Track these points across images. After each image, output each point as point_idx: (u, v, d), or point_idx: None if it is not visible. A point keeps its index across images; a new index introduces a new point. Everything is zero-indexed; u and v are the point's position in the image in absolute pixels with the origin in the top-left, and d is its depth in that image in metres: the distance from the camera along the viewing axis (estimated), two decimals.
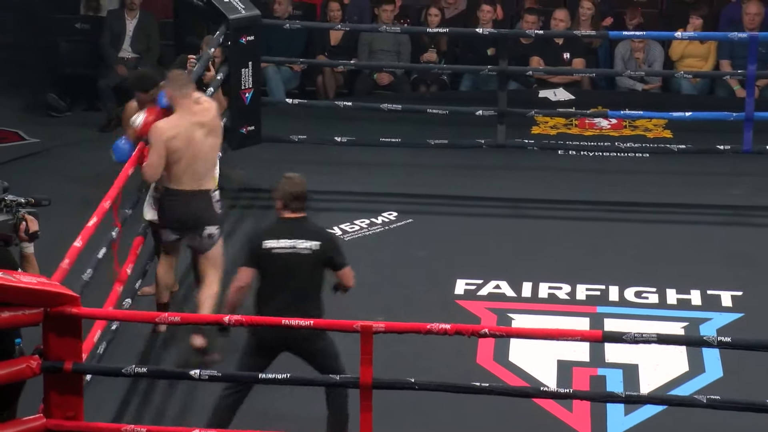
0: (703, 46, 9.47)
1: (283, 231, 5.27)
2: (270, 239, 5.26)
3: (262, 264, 5.26)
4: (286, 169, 8.26)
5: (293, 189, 5.32)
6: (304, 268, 5.25)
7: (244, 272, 5.31)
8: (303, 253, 5.24)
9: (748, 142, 7.94)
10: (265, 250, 5.24)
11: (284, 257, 5.23)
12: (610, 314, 6.49)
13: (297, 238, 5.26)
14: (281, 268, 5.24)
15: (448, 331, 4.93)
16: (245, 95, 7.95)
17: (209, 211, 6.02)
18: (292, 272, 5.24)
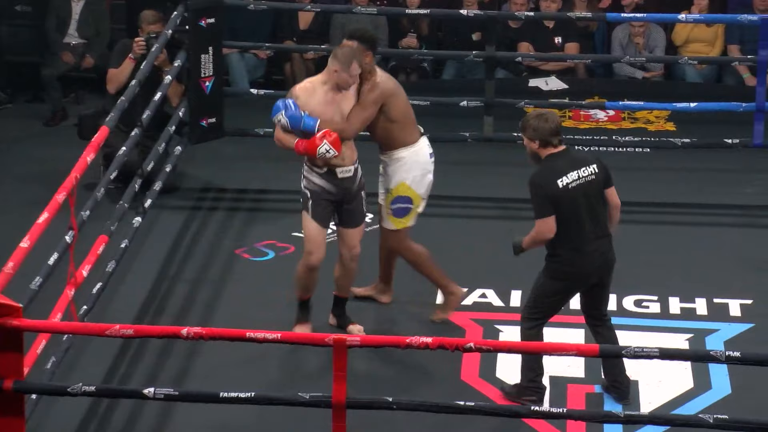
0: (710, 30, 9.51)
1: (564, 165, 5.62)
2: (560, 177, 5.59)
3: (561, 204, 5.58)
4: (250, 166, 8.42)
5: (550, 125, 5.64)
6: (595, 193, 5.65)
7: (547, 222, 5.60)
8: (590, 180, 5.63)
9: (758, 135, 7.98)
10: (562, 189, 5.58)
11: (578, 189, 5.60)
12: None
13: (578, 168, 5.63)
14: (578, 201, 5.60)
15: (430, 345, 4.93)
16: (205, 84, 7.94)
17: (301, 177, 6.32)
18: (588, 201, 5.62)
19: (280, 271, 7.09)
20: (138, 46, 7.70)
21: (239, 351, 5.92)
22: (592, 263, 5.67)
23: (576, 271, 5.66)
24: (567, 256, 5.65)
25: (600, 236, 5.68)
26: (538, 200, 5.63)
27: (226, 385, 5.19)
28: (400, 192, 6.38)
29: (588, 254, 5.65)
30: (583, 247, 5.64)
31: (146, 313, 6.65)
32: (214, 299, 6.79)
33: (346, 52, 6.15)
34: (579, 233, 5.63)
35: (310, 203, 6.26)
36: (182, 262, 7.19)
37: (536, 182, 5.65)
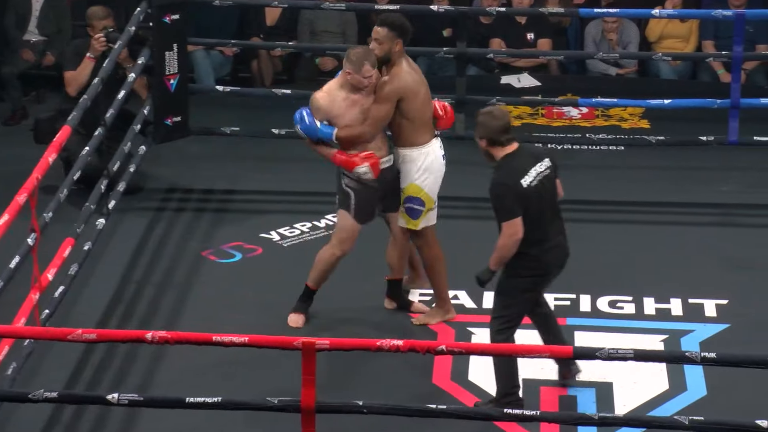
0: (684, 26, 9.57)
1: (524, 164, 5.63)
2: (523, 176, 5.59)
3: (528, 203, 5.60)
4: (216, 166, 8.42)
5: (498, 122, 5.61)
6: (552, 187, 5.72)
7: (516, 223, 5.60)
8: (547, 174, 5.67)
9: (734, 133, 8.03)
10: (527, 189, 5.59)
11: (539, 186, 5.63)
12: (581, 326, 6.55)
13: (536, 164, 5.65)
14: (541, 198, 5.63)
15: (401, 348, 4.95)
16: (170, 82, 7.93)
17: (337, 175, 6.43)
18: (549, 196, 5.68)
19: (247, 273, 7.10)
20: (99, 42, 7.68)
21: (206, 355, 5.92)
22: (556, 257, 5.74)
23: (542, 266, 5.70)
24: (532, 253, 5.67)
25: (559, 231, 5.76)
26: (505, 202, 5.59)
27: (192, 391, 5.20)
28: (411, 192, 6.43)
29: (551, 249, 5.71)
30: (546, 243, 5.68)
31: (110, 317, 6.64)
32: (180, 302, 6.79)
33: (359, 54, 6.24)
34: (543, 229, 5.67)
35: (353, 202, 6.36)
36: (147, 265, 7.19)
37: (501, 183, 5.60)
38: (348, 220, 6.40)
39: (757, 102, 8.11)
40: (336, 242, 6.45)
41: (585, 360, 5.83)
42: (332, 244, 6.47)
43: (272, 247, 7.37)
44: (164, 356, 6.21)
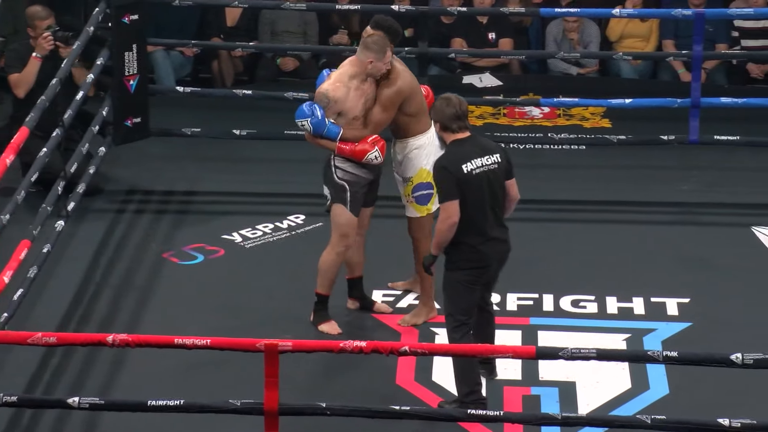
0: (644, 25, 9.62)
1: (469, 152, 5.71)
2: (465, 162, 5.67)
3: (466, 189, 5.67)
4: (177, 167, 8.39)
5: (451, 109, 5.74)
6: (497, 181, 5.76)
7: (452, 206, 5.67)
8: (493, 168, 5.73)
9: (694, 132, 8.08)
10: (467, 175, 5.66)
11: (482, 176, 5.70)
12: (544, 326, 6.57)
13: (483, 155, 5.73)
14: (482, 188, 5.69)
15: (364, 349, 4.95)
16: (129, 83, 7.90)
17: (326, 168, 6.36)
18: (491, 189, 5.72)
19: (209, 274, 7.08)
20: (46, 41, 7.61)
21: (168, 358, 5.89)
22: (495, 250, 5.77)
23: (479, 257, 5.73)
24: (470, 243, 5.72)
25: (500, 225, 5.80)
26: (445, 184, 5.69)
27: (154, 394, 5.18)
28: (421, 179, 6.44)
29: (490, 241, 5.73)
30: (485, 234, 5.72)
31: (70, 320, 6.60)
32: (141, 305, 6.76)
33: (378, 41, 6.25)
34: (482, 220, 5.72)
35: (348, 195, 6.32)
36: (107, 267, 7.15)
37: (442, 165, 5.72)
38: (345, 213, 6.33)
39: (717, 101, 8.16)
40: (336, 240, 6.36)
41: (548, 360, 5.85)
42: (333, 243, 6.38)
43: (234, 249, 7.35)
44: (125, 359, 6.18)
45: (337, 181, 6.33)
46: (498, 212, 5.78)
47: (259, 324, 6.48)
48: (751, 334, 6.43)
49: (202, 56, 9.71)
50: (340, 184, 6.32)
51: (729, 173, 8.30)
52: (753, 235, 7.53)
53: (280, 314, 6.56)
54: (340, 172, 6.32)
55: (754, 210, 7.82)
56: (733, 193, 8.03)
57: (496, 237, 5.76)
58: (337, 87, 6.28)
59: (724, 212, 7.85)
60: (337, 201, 6.33)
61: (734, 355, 4.90)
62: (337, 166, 6.32)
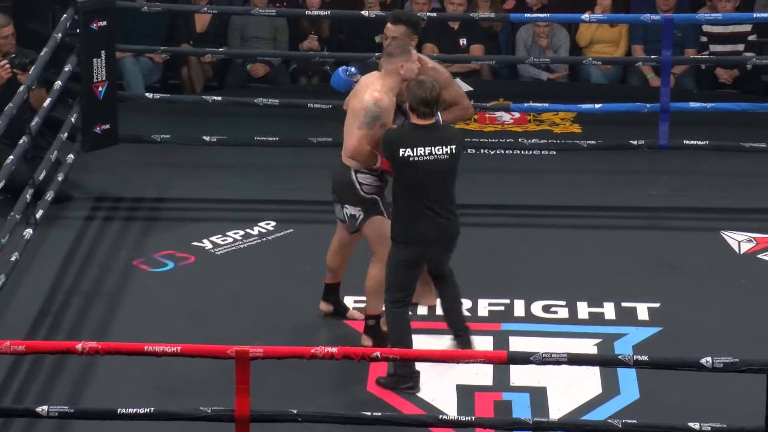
0: (614, 30, 9.67)
1: (419, 139, 5.80)
2: (406, 148, 5.78)
3: (401, 171, 5.82)
4: (146, 174, 8.36)
5: (421, 93, 5.79)
6: (445, 171, 5.84)
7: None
8: (444, 159, 5.81)
9: (664, 137, 8.12)
10: (402, 158, 5.79)
11: (425, 164, 5.79)
12: (515, 332, 6.59)
13: (435, 145, 5.79)
14: (425, 175, 5.79)
15: (335, 356, 4.96)
16: (98, 89, 7.88)
17: (347, 188, 6.18)
18: (435, 179, 5.82)
19: (179, 281, 7.07)
20: (4, 70, 7.57)
21: (138, 365, 5.88)
22: (434, 231, 5.87)
23: (417, 236, 5.85)
24: (408, 219, 5.85)
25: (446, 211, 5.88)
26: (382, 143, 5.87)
27: (124, 401, 5.16)
28: None
29: (429, 221, 5.85)
30: (423, 217, 5.84)
31: (39, 328, 6.57)
32: (111, 312, 6.74)
33: (398, 44, 6.18)
34: (422, 203, 5.83)
35: (381, 205, 6.20)
36: (77, 275, 7.12)
37: (388, 136, 5.88)
38: (385, 222, 6.16)
39: (686, 106, 8.21)
40: (384, 252, 6.13)
41: (519, 365, 5.86)
42: (380, 257, 6.19)
43: (205, 256, 7.34)
44: (95, 367, 6.15)
45: (366, 197, 6.17)
46: (443, 199, 5.87)
47: (230, 331, 6.47)
48: (721, 338, 6.47)
49: (171, 62, 9.69)
50: (371, 198, 6.18)
51: (698, 177, 8.35)
52: (722, 239, 7.58)
53: (251, 321, 6.56)
54: (367, 188, 6.17)
55: (723, 214, 7.87)
56: (702, 198, 8.07)
57: (435, 220, 5.85)
58: (383, 97, 6.09)
59: (694, 217, 7.90)
60: (374, 214, 6.19)
61: (704, 359, 4.93)
62: (361, 182, 6.15)
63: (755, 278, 7.13)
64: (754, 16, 9.10)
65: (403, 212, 5.87)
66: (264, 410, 5.03)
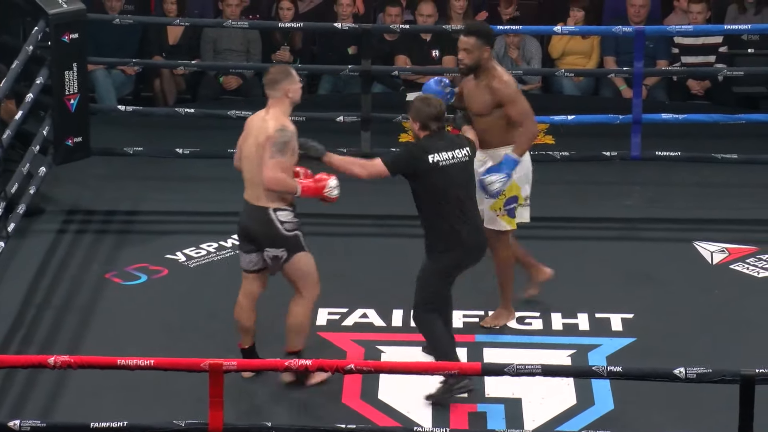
0: (586, 42, 9.71)
1: (439, 145, 5.96)
2: (433, 153, 5.92)
3: (432, 178, 5.91)
4: (119, 186, 8.33)
5: (432, 109, 5.97)
6: (470, 172, 6.05)
7: (382, 168, 6.00)
8: (465, 160, 5.99)
9: (636, 148, 8.15)
10: (432, 164, 5.91)
11: (453, 167, 5.95)
12: (489, 343, 6.59)
13: (453, 149, 5.97)
14: (454, 179, 5.94)
15: (309, 368, 4.95)
16: (70, 102, 7.85)
17: (265, 230, 5.96)
18: (465, 179, 5.99)
19: (153, 294, 7.04)
20: None
21: (111, 379, 5.84)
22: (472, 235, 5.99)
23: (459, 241, 5.95)
24: (447, 225, 5.93)
25: (475, 213, 6.05)
26: (401, 156, 6.02)
27: (97, 416, 5.13)
28: (513, 192, 6.47)
29: (467, 225, 5.96)
30: (461, 219, 5.95)
31: (11, 342, 6.53)
32: (84, 326, 6.70)
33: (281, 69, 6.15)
34: (456, 207, 5.94)
35: (302, 239, 6.02)
36: (49, 288, 7.08)
37: (409, 149, 6.03)
38: (308, 258, 6.03)
39: (658, 117, 8.24)
40: (310, 289, 6.05)
41: (494, 376, 5.86)
42: (306, 296, 6.05)
43: (178, 268, 7.31)
44: (67, 381, 6.12)
45: (289, 235, 5.97)
46: (473, 202, 6.03)
47: (203, 343, 6.44)
48: (695, 348, 6.48)
49: (143, 75, 9.67)
50: (293, 235, 5.99)
51: (671, 189, 8.38)
52: (694, 249, 7.61)
53: (225, 333, 6.53)
54: (288, 225, 5.98)
55: (695, 225, 7.90)
56: (675, 209, 8.11)
57: (472, 223, 5.99)
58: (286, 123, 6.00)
59: (667, 227, 7.93)
60: (296, 251, 5.99)
61: (677, 369, 4.94)
62: (282, 220, 5.95)
63: (728, 288, 7.15)
64: (725, 28, 9.15)
65: (439, 221, 5.95)
66: (237, 423, 5.01)
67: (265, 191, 5.95)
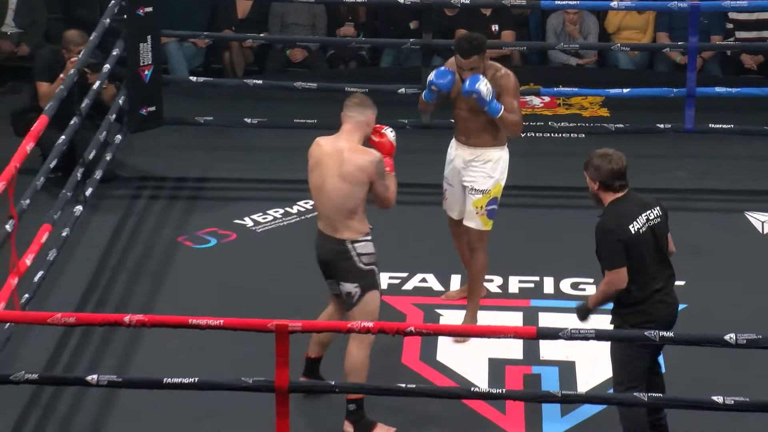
0: (641, 17, 9.62)
1: (632, 210, 5.24)
2: (631, 222, 5.20)
3: (632, 250, 5.19)
4: (190, 154, 8.40)
5: (612, 166, 5.26)
6: (661, 235, 5.29)
7: (621, 273, 5.19)
8: (657, 223, 5.28)
9: (690, 121, 8.09)
10: (635, 235, 5.19)
11: (647, 233, 5.23)
12: (545, 308, 6.59)
13: (645, 211, 5.27)
14: (648, 245, 5.22)
15: (371, 330, 4.97)
16: (144, 73, 7.91)
17: (342, 263, 5.51)
18: (656, 244, 5.25)
19: (222, 258, 7.10)
20: (72, 63, 7.61)
21: (182, 338, 5.92)
22: (662, 306, 5.29)
23: (648, 314, 5.24)
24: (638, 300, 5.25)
25: (668, 279, 5.34)
26: (609, 248, 5.18)
27: (168, 372, 5.20)
28: (497, 193, 6.27)
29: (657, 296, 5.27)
30: (653, 291, 5.26)
31: (88, 301, 6.62)
32: (157, 287, 6.79)
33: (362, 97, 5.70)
34: (649, 277, 5.25)
35: (377, 275, 5.58)
36: (123, 251, 7.17)
37: (607, 228, 5.21)
38: (377, 300, 5.56)
39: (711, 90, 8.16)
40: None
41: (548, 340, 5.87)
42: (363, 339, 5.47)
43: (246, 233, 7.38)
44: (141, 339, 6.20)
45: (365, 269, 5.51)
46: (665, 266, 5.31)
47: (270, 305, 6.50)
48: (745, 316, 6.44)
49: (213, 47, 9.72)
50: (369, 269, 5.53)
51: (722, 161, 8.31)
52: (746, 220, 7.55)
53: (291, 296, 6.58)
54: (366, 258, 5.52)
55: (746, 196, 7.83)
56: (726, 180, 8.04)
57: (664, 298, 5.28)
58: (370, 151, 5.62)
59: (718, 198, 7.87)
60: (370, 288, 5.52)
61: (728, 335, 4.92)
62: (360, 253, 5.51)
63: None
64: None
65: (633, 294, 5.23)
66: (302, 382, 5.05)
67: (345, 222, 5.52)
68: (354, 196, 5.49)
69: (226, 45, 9.70)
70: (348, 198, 5.50)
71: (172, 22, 8.91)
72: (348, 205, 5.50)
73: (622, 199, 5.27)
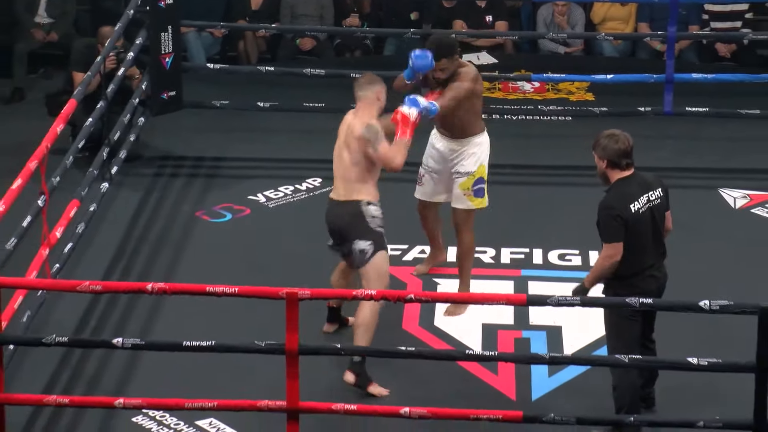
0: (624, 9, 9.59)
1: (635, 189, 5.20)
2: (632, 202, 5.16)
3: (630, 228, 5.15)
4: (207, 136, 8.39)
5: (620, 145, 5.23)
6: (660, 216, 5.25)
7: (617, 247, 5.15)
8: (657, 203, 5.23)
9: (668, 104, 8.07)
10: (635, 214, 5.15)
11: (646, 213, 5.19)
12: (534, 277, 6.59)
13: (647, 191, 5.22)
14: (646, 225, 5.18)
15: (374, 297, 4.97)
16: (165, 60, 7.90)
17: (356, 221, 5.55)
18: (654, 225, 5.21)
19: (236, 231, 7.10)
20: (110, 61, 7.59)
21: (200, 305, 5.92)
22: (653, 284, 5.26)
23: (638, 292, 5.13)
24: (630, 277, 5.21)
25: (659, 256, 5.30)
26: (609, 223, 5.15)
27: (188, 336, 5.20)
28: (481, 173, 6.23)
29: (650, 277, 5.26)
30: (645, 270, 5.23)
31: (113, 271, 6.63)
32: (177, 258, 6.79)
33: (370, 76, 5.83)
34: (643, 256, 5.22)
35: (385, 238, 5.62)
36: (146, 225, 7.18)
37: (610, 206, 5.18)
38: (386, 260, 5.58)
39: (689, 77, 8.15)
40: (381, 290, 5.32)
41: (537, 306, 5.87)
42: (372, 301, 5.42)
43: (259, 208, 7.37)
44: (162, 306, 6.21)
45: (376, 230, 5.56)
46: (658, 245, 5.28)
47: (281, 275, 6.50)
48: (719, 285, 6.44)
49: (229, 37, 9.70)
50: (379, 231, 5.57)
51: (699, 142, 8.30)
52: (720, 196, 7.54)
53: (300, 266, 6.58)
54: (378, 220, 5.59)
55: (721, 174, 7.82)
56: (703, 159, 8.02)
57: (654, 273, 5.25)
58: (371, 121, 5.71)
59: (695, 176, 7.85)
60: (380, 249, 5.56)
61: (702, 302, 4.92)
62: (372, 215, 5.58)
63: (749, 230, 7.09)
64: None
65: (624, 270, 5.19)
66: (311, 344, 5.06)
67: (356, 186, 5.60)
68: (359, 161, 5.60)
69: (241, 35, 9.68)
70: (355, 163, 5.62)
71: (191, 13, 8.90)
72: (357, 170, 5.62)
73: (627, 178, 5.24)
